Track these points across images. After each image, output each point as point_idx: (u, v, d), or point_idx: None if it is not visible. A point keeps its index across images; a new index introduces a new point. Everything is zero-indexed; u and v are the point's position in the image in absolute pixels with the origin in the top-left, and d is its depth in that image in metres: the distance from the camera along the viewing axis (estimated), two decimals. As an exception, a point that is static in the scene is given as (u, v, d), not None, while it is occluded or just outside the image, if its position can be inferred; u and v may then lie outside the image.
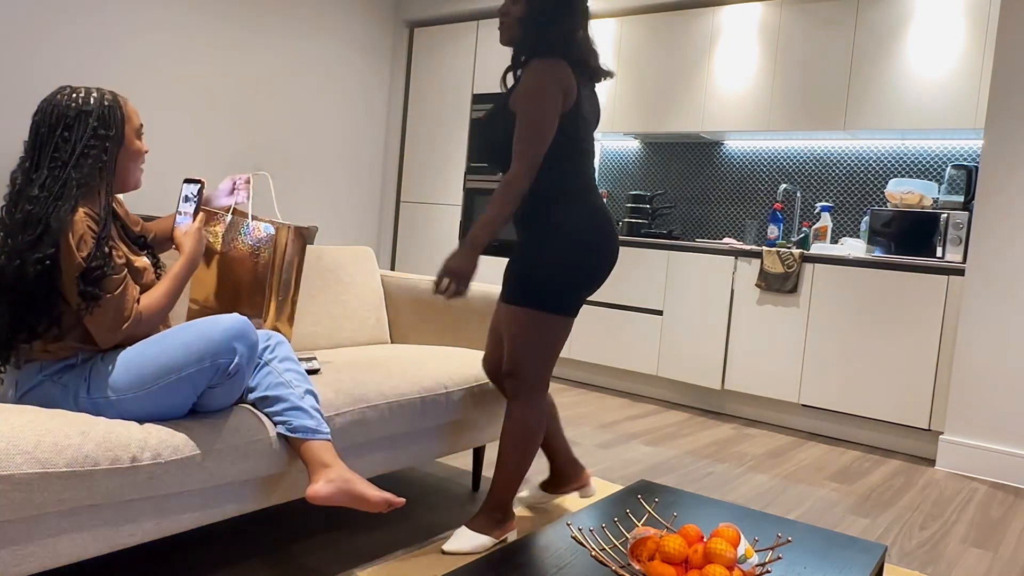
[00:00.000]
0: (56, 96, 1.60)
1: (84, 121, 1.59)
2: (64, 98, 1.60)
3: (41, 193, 1.53)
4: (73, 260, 1.51)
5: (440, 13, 5.27)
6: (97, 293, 1.53)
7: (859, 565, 1.54)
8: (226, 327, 1.59)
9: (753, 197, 4.56)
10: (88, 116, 1.59)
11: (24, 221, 1.51)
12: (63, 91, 1.61)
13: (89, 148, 1.58)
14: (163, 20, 4.23)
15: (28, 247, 1.49)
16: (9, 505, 1.29)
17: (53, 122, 1.58)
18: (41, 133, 1.58)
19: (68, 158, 1.56)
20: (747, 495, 2.79)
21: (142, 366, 1.56)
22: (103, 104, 1.62)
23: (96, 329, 1.56)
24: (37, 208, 1.52)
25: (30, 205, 1.52)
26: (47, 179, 1.54)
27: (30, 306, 1.52)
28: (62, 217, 1.51)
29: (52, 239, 1.50)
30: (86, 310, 1.53)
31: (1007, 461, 3.21)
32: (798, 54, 4.08)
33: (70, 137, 1.58)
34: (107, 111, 1.62)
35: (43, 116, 1.59)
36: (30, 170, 1.57)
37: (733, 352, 4.01)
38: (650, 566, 1.33)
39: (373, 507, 1.69)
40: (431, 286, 2.52)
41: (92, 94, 1.62)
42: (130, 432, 1.48)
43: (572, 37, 2.10)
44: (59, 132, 1.57)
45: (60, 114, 1.58)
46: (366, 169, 5.51)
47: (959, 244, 3.51)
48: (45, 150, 1.57)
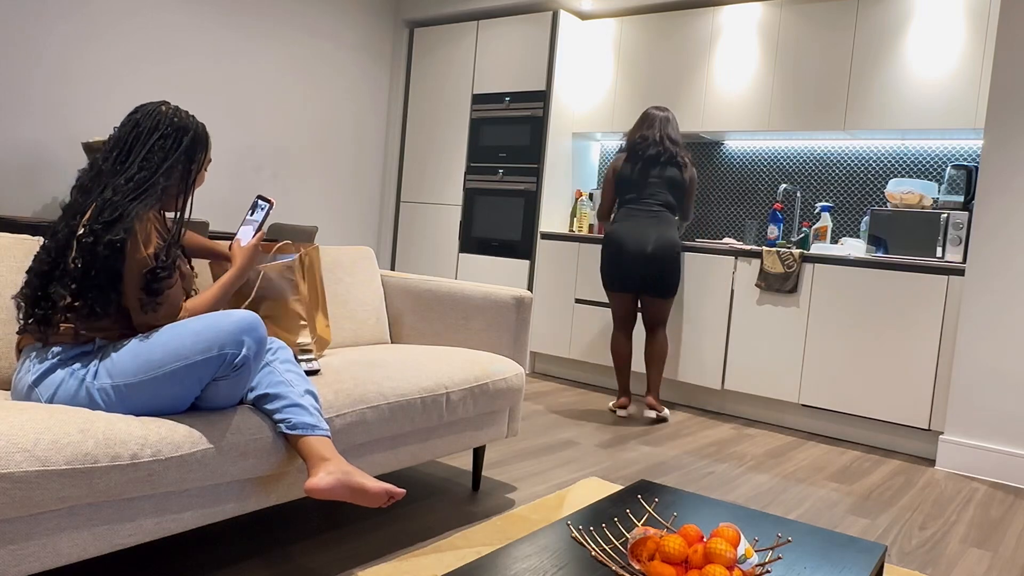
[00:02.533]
0: (161, 107, 1.75)
1: (180, 136, 1.74)
2: (169, 110, 1.75)
3: (127, 185, 1.65)
4: (138, 254, 1.62)
5: (440, 13, 5.27)
6: (160, 290, 1.64)
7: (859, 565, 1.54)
8: (237, 319, 1.62)
9: (753, 197, 4.56)
10: (186, 134, 1.75)
11: (103, 205, 1.62)
12: (167, 104, 1.77)
13: (179, 162, 1.73)
14: (162, 20, 4.23)
15: (103, 228, 1.59)
16: (9, 503, 1.29)
17: (154, 125, 1.72)
18: (140, 132, 1.71)
19: (161, 163, 1.70)
20: (747, 495, 2.79)
21: (151, 351, 1.59)
22: (199, 129, 1.79)
23: (145, 321, 1.66)
24: (118, 196, 1.63)
25: (112, 192, 1.63)
26: (136, 174, 1.66)
27: (94, 284, 1.60)
28: (138, 210, 1.63)
29: (124, 227, 1.60)
30: (149, 306, 1.64)
31: (1007, 461, 3.21)
32: (798, 54, 4.09)
33: (165, 145, 1.71)
34: (201, 136, 1.79)
35: (144, 117, 1.73)
36: (118, 159, 1.69)
37: (733, 352, 4.01)
38: (650, 566, 1.33)
39: (373, 500, 1.69)
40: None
41: (192, 117, 1.79)
42: (130, 429, 1.48)
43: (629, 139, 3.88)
44: (157, 138, 1.71)
45: (161, 121, 1.72)
46: (366, 169, 5.51)
47: (959, 244, 3.51)
48: (138, 148, 1.70)
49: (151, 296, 1.63)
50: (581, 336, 4.56)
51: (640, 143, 3.78)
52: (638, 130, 3.83)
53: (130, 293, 1.63)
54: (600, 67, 4.82)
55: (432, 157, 5.34)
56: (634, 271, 3.69)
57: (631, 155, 3.81)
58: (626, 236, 3.70)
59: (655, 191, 3.74)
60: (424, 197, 5.38)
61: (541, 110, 4.76)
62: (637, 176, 3.76)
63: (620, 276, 3.73)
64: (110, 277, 1.61)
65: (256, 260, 1.97)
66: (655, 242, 3.66)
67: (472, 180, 5.08)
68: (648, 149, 3.75)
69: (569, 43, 4.82)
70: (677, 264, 3.71)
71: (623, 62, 4.72)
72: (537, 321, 4.76)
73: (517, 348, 2.64)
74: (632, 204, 3.76)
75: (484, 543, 2.13)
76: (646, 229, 3.69)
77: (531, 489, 2.65)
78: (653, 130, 3.78)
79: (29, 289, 1.65)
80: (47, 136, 3.83)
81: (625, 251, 3.69)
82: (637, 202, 3.75)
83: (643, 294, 3.76)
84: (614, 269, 3.75)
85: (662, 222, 3.71)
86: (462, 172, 5.15)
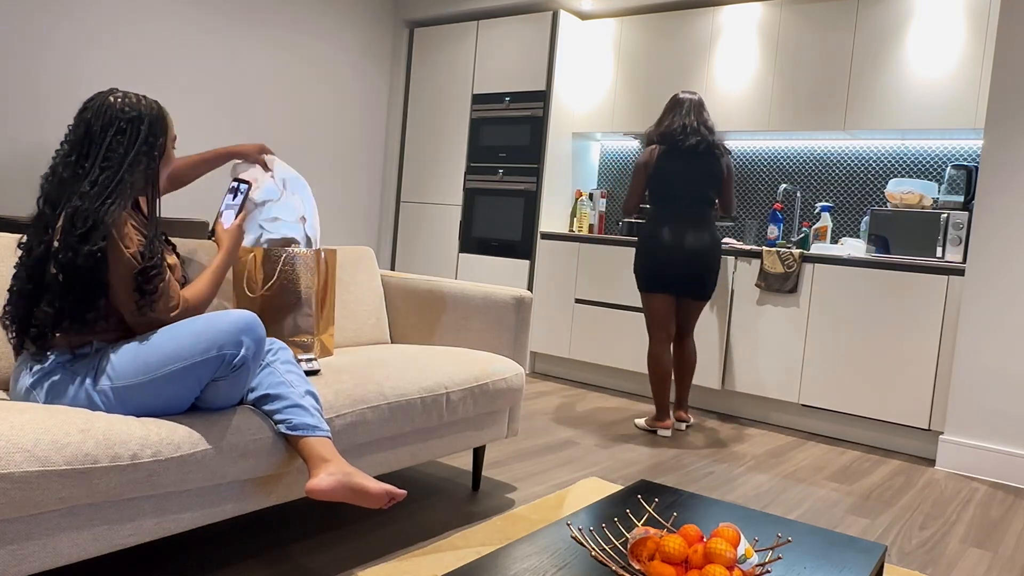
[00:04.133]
0: (108, 98, 1.66)
1: (137, 126, 1.67)
2: (117, 101, 1.66)
3: (92, 190, 1.59)
4: (122, 256, 1.59)
5: (440, 13, 5.27)
6: (153, 289, 1.62)
7: (859, 565, 1.54)
8: (235, 319, 1.62)
9: (753, 197, 4.56)
10: (141, 122, 1.68)
11: (74, 215, 1.56)
12: (115, 93, 1.68)
13: (141, 153, 1.66)
14: (162, 20, 4.23)
15: (79, 240, 1.55)
16: (9, 503, 1.29)
17: (107, 121, 1.64)
18: (92, 130, 1.64)
19: (123, 159, 1.63)
20: (747, 495, 2.79)
21: (149, 353, 1.58)
22: (153, 112, 1.70)
23: (144, 320, 1.64)
24: (86, 203, 1.57)
25: (80, 200, 1.57)
26: (99, 176, 1.60)
27: (80, 298, 1.58)
28: (112, 214, 1.57)
29: (102, 234, 1.56)
30: (147, 305, 1.61)
31: (1007, 461, 3.21)
32: (798, 54, 4.09)
33: (123, 140, 1.65)
34: (156, 119, 1.71)
35: (95, 114, 1.65)
36: (76, 164, 1.62)
37: (733, 352, 4.01)
38: (650, 566, 1.33)
39: (374, 501, 1.69)
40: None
41: (143, 101, 1.70)
42: (130, 429, 1.48)
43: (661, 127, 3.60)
44: (112, 133, 1.64)
45: (114, 115, 1.65)
46: (366, 169, 5.50)
47: (959, 244, 3.51)
48: (95, 148, 1.63)
49: (145, 296, 1.62)
50: (581, 336, 4.56)
51: (680, 132, 3.48)
52: (671, 117, 3.54)
53: (123, 298, 1.61)
54: (600, 67, 4.82)
55: (432, 157, 5.34)
56: (680, 273, 3.47)
57: (670, 146, 3.51)
58: (672, 237, 3.46)
59: (697, 187, 3.49)
60: (424, 197, 5.38)
61: (541, 110, 4.76)
62: (679, 170, 3.48)
63: (666, 278, 3.49)
64: (95, 287, 1.59)
65: (241, 241, 1.95)
66: (701, 242, 3.47)
67: (472, 180, 5.08)
68: (688, 139, 3.47)
69: (569, 43, 4.82)
70: (719, 265, 3.58)
71: (623, 62, 4.72)
72: (537, 321, 4.76)
73: (517, 348, 2.64)
74: (673, 202, 3.50)
75: (484, 543, 2.13)
76: (691, 229, 3.47)
77: (531, 489, 2.65)
78: (690, 117, 3.50)
79: (14, 308, 1.62)
80: (48, 136, 3.83)
81: (671, 252, 3.46)
82: (681, 200, 3.50)
83: (684, 297, 3.56)
84: (657, 270, 3.50)
85: (706, 220, 3.52)
86: (462, 172, 5.15)
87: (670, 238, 3.47)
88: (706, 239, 3.49)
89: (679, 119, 3.51)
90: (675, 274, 3.48)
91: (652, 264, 3.51)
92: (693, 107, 3.54)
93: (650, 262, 3.52)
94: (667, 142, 3.52)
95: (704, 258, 3.48)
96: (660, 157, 3.52)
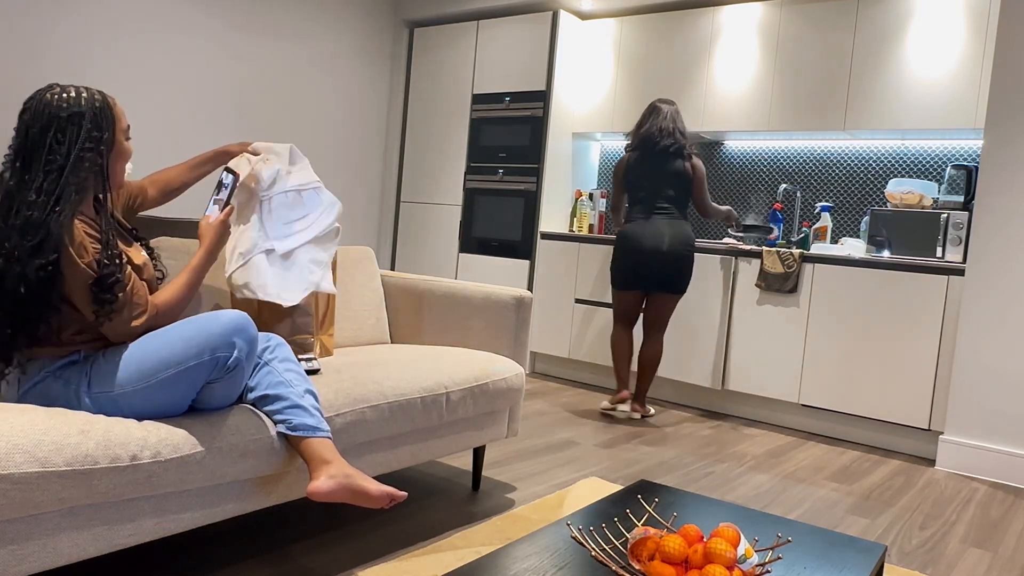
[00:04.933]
0: (46, 95, 1.56)
1: (77, 123, 1.56)
2: (55, 98, 1.55)
3: (39, 198, 1.49)
4: (77, 267, 1.51)
5: (440, 13, 5.27)
6: (113, 298, 1.54)
7: (859, 565, 1.54)
8: (226, 322, 1.60)
9: (753, 197, 4.56)
10: (81, 118, 1.56)
11: (23, 227, 1.48)
12: (52, 90, 1.56)
13: (84, 151, 1.55)
14: (161, 19, 4.23)
15: (30, 253, 1.47)
16: (9, 504, 1.29)
17: (45, 123, 1.54)
18: (32, 134, 1.54)
19: (64, 162, 1.53)
20: (747, 495, 2.79)
21: (142, 360, 1.56)
22: (95, 105, 1.59)
23: (112, 330, 1.58)
24: (36, 213, 1.48)
25: (28, 210, 1.49)
26: (43, 183, 1.51)
27: (30, 312, 1.51)
28: (63, 223, 1.49)
29: (53, 245, 1.48)
30: (105, 316, 1.54)
31: (1007, 461, 3.21)
32: (798, 54, 4.08)
33: (64, 140, 1.54)
34: (99, 112, 1.59)
35: (33, 116, 1.55)
36: (22, 171, 1.53)
37: (733, 352, 4.01)
38: (650, 566, 1.33)
39: (375, 502, 1.68)
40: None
41: (83, 94, 1.58)
42: (130, 430, 1.47)
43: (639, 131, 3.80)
44: (52, 134, 1.53)
45: (52, 115, 1.54)
46: (366, 169, 5.51)
47: (959, 244, 3.51)
48: (37, 152, 1.53)
49: (104, 306, 1.53)
50: (581, 336, 4.56)
51: (655, 135, 3.70)
52: (649, 121, 3.75)
53: (83, 309, 1.54)
54: (600, 67, 4.82)
55: (432, 157, 5.34)
56: (651, 270, 3.66)
57: (643, 149, 3.74)
58: (642, 235, 3.67)
59: (666, 187, 3.70)
60: (424, 197, 5.38)
61: (541, 110, 4.76)
62: (649, 171, 3.71)
63: (634, 275, 3.70)
64: (47, 302, 1.51)
65: (226, 237, 1.82)
66: (671, 239, 3.64)
67: (472, 180, 5.08)
68: (662, 141, 3.69)
69: (569, 43, 4.82)
70: (692, 261, 3.70)
71: (623, 62, 4.72)
72: (537, 321, 4.76)
73: (517, 348, 2.64)
74: (646, 201, 3.72)
75: (484, 543, 2.13)
76: (661, 227, 3.66)
77: (531, 489, 2.65)
78: (666, 121, 3.71)
79: None
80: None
81: (641, 250, 3.65)
82: (650, 199, 3.72)
83: (655, 292, 3.72)
84: (628, 267, 3.71)
85: (676, 218, 3.70)
86: (462, 172, 5.15)
87: (640, 237, 3.68)
88: (680, 237, 3.66)
89: (656, 123, 3.74)
90: (645, 272, 3.68)
91: (624, 262, 3.73)
92: (670, 114, 3.75)
93: (622, 260, 3.74)
94: (644, 146, 3.75)
95: (678, 255, 3.65)
96: (635, 160, 3.77)
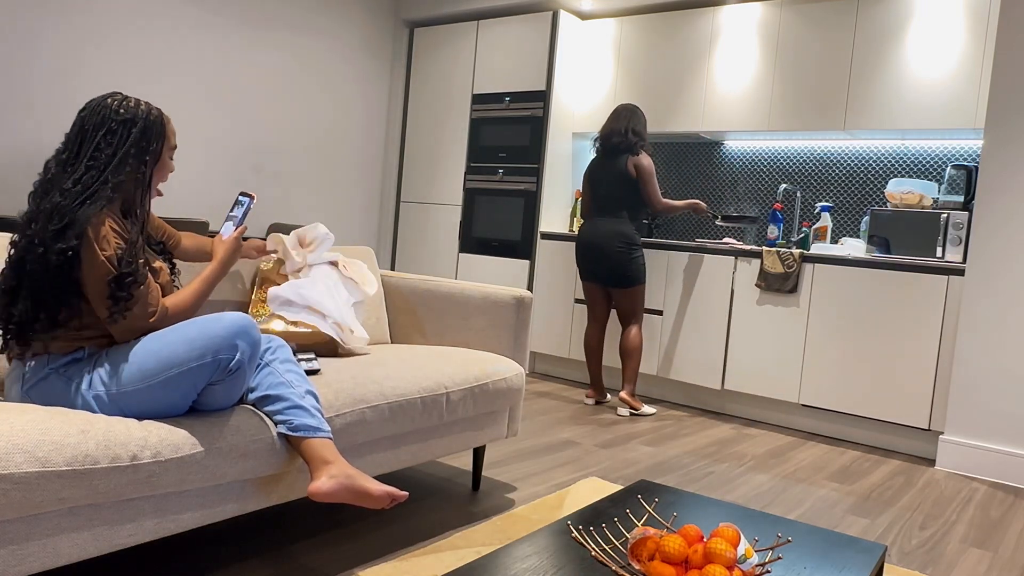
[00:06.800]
0: (107, 99, 1.66)
1: (128, 128, 1.65)
2: (114, 103, 1.66)
3: (74, 188, 1.57)
4: (96, 259, 1.55)
5: (440, 13, 5.27)
6: (128, 296, 1.58)
7: (859, 565, 1.54)
8: (229, 323, 1.60)
9: (753, 197, 4.56)
10: (133, 125, 1.66)
11: (51, 211, 1.54)
12: (114, 96, 1.67)
13: (128, 156, 1.64)
14: (160, 19, 4.23)
15: (52, 237, 1.53)
16: (9, 504, 1.29)
17: (99, 122, 1.63)
18: (86, 129, 1.63)
19: (108, 160, 1.61)
20: (747, 495, 2.79)
21: (144, 359, 1.57)
22: (149, 116, 1.69)
23: (120, 328, 1.60)
24: (67, 201, 1.55)
25: (60, 197, 1.56)
26: (83, 176, 1.59)
27: (51, 295, 1.55)
28: (88, 214, 1.55)
29: (76, 232, 1.53)
30: (119, 312, 1.57)
31: (1007, 461, 3.21)
32: (798, 54, 4.09)
33: (112, 141, 1.63)
34: (151, 124, 1.69)
35: (90, 114, 1.64)
36: (67, 162, 1.62)
37: (733, 352, 4.01)
38: (650, 566, 1.33)
39: (376, 502, 1.69)
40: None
41: (141, 105, 1.69)
42: (130, 430, 1.47)
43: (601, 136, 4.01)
44: (102, 134, 1.63)
45: (107, 116, 1.64)
46: (366, 169, 5.50)
47: (959, 244, 3.51)
48: (85, 147, 1.62)
49: (118, 303, 1.57)
50: (581, 336, 4.56)
51: (607, 137, 3.94)
52: (606, 124, 3.98)
53: (96, 304, 1.58)
54: (600, 67, 4.82)
55: (432, 157, 5.34)
56: (598, 266, 3.92)
57: (599, 152, 4.01)
58: (584, 232, 3.97)
59: (608, 186, 3.91)
60: (424, 197, 5.38)
61: (541, 110, 4.76)
62: (600, 174, 3.95)
63: (583, 269, 4.01)
64: (67, 287, 1.55)
65: (237, 254, 1.92)
66: (603, 236, 3.88)
67: (472, 180, 5.08)
68: (611, 141, 3.91)
69: (569, 43, 4.82)
70: (627, 255, 3.85)
71: (623, 62, 4.72)
72: (537, 321, 4.76)
73: (517, 348, 2.64)
74: (596, 202, 3.98)
75: (484, 543, 2.13)
76: (598, 224, 3.92)
77: (531, 489, 2.65)
78: (618, 123, 3.92)
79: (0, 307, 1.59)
80: (48, 136, 3.83)
81: (583, 247, 3.97)
82: (599, 200, 3.96)
83: (608, 287, 3.95)
84: (579, 262, 4.04)
85: (610, 215, 3.92)
86: (462, 172, 5.15)
87: (585, 235, 3.97)
88: (610, 233, 3.87)
89: (609, 125, 3.95)
90: (592, 268, 3.96)
91: (577, 257, 4.04)
92: (623, 114, 3.93)
93: (576, 255, 4.05)
94: (600, 148, 4.00)
95: (609, 251, 3.86)
96: (594, 163, 4.01)
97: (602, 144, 3.96)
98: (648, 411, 3.91)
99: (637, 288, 3.88)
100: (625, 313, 3.94)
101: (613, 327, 4.41)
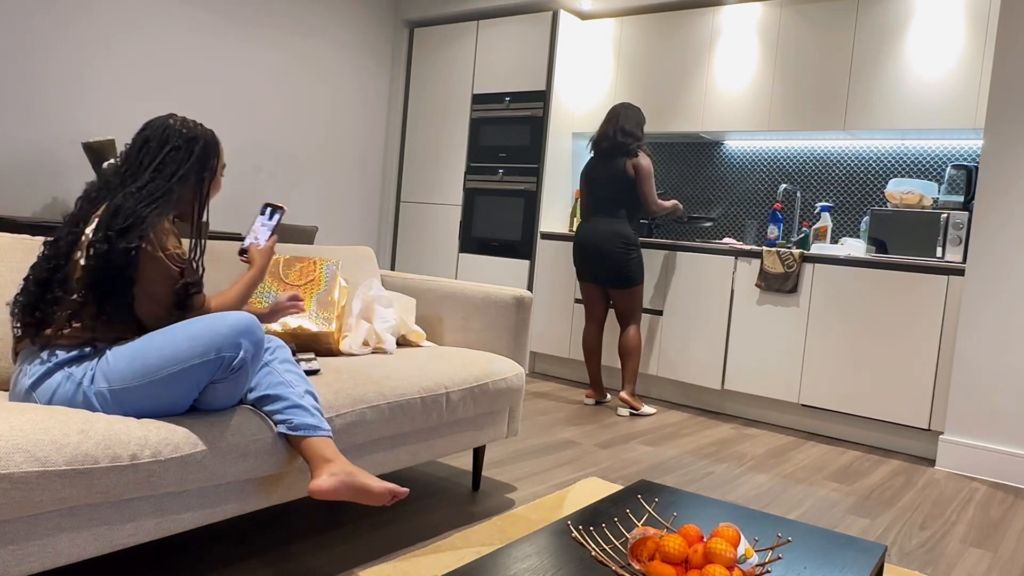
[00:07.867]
0: (169, 120, 1.77)
1: (192, 146, 1.76)
2: (177, 122, 1.77)
3: (140, 192, 1.66)
4: (155, 261, 1.63)
5: (440, 13, 5.27)
6: (193, 305, 1.70)
7: (859, 565, 1.54)
8: (233, 322, 1.61)
9: (753, 197, 4.56)
10: (197, 143, 1.77)
11: (116, 210, 1.61)
12: (174, 116, 1.78)
13: (192, 171, 1.75)
14: (162, 21, 4.23)
15: (117, 235, 1.59)
16: (8, 504, 1.29)
17: (163, 139, 1.74)
18: (150, 146, 1.73)
19: (175, 171, 1.72)
20: (747, 495, 2.79)
21: (147, 355, 1.57)
22: (208, 136, 1.81)
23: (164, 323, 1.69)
24: (130, 203, 1.63)
25: (124, 199, 1.63)
26: (147, 184, 1.68)
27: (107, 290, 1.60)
28: (154, 219, 1.63)
29: (139, 233, 1.60)
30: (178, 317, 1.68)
31: (1007, 461, 3.21)
32: (798, 54, 4.09)
33: (177, 157, 1.73)
34: (211, 144, 1.81)
35: (155, 131, 1.74)
36: (127, 175, 1.70)
37: (733, 352, 4.01)
38: (650, 566, 1.33)
39: (377, 499, 1.69)
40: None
41: (200, 126, 1.80)
42: (130, 430, 1.47)
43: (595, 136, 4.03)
44: (168, 150, 1.73)
45: (174, 135, 1.75)
46: (366, 169, 5.50)
47: (959, 244, 3.51)
48: (148, 161, 1.71)
49: (183, 311, 1.68)
50: (581, 336, 4.55)
51: (600, 138, 3.97)
52: (599, 129, 4.01)
53: (161, 301, 1.66)
54: (600, 67, 4.82)
55: (432, 157, 5.34)
56: (596, 266, 3.92)
57: (594, 153, 4.02)
58: (582, 233, 3.98)
59: (608, 188, 3.91)
60: (424, 197, 5.38)
61: (541, 110, 4.76)
62: (596, 174, 3.96)
63: (581, 269, 4.02)
64: (122, 284, 1.60)
65: (271, 258, 2.04)
66: (601, 236, 3.88)
67: (472, 180, 5.08)
68: (603, 143, 3.95)
69: (569, 43, 4.82)
70: (625, 255, 3.85)
71: (623, 62, 4.72)
72: (537, 321, 4.76)
73: (517, 348, 2.64)
74: (593, 202, 3.99)
75: (484, 543, 2.13)
76: (596, 225, 3.92)
77: (531, 489, 2.65)
78: (609, 125, 3.93)
79: (25, 296, 1.62)
80: (48, 136, 3.83)
81: (582, 248, 3.97)
82: (596, 200, 3.97)
83: (606, 287, 3.96)
84: (577, 263, 4.04)
85: (608, 215, 3.92)
86: (462, 172, 5.15)
87: (583, 235, 3.97)
88: (609, 233, 3.87)
89: (603, 127, 3.97)
90: (590, 269, 3.97)
91: (575, 258, 4.05)
92: (616, 114, 3.93)
93: (574, 256, 4.05)
94: (594, 149, 4.01)
95: (608, 251, 3.86)
96: (590, 163, 4.01)
97: (594, 148, 3.99)
98: (648, 411, 3.91)
99: (635, 288, 3.88)
100: (624, 313, 3.94)
101: (612, 327, 4.42)
